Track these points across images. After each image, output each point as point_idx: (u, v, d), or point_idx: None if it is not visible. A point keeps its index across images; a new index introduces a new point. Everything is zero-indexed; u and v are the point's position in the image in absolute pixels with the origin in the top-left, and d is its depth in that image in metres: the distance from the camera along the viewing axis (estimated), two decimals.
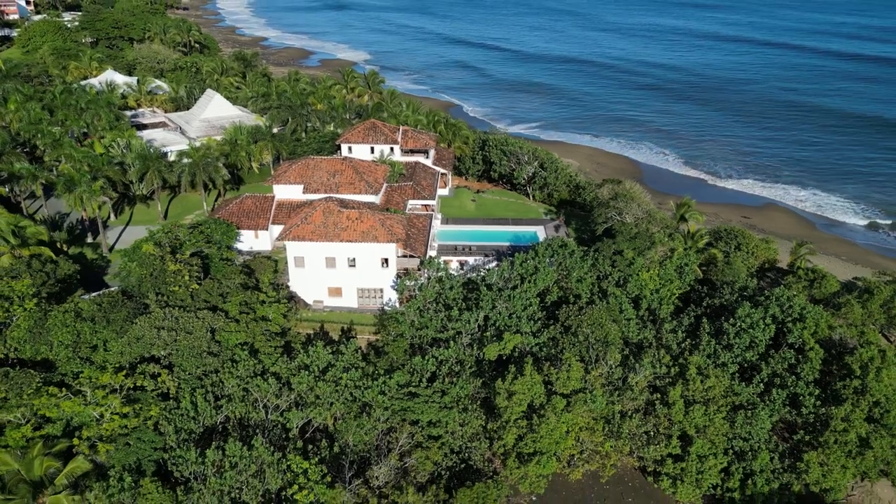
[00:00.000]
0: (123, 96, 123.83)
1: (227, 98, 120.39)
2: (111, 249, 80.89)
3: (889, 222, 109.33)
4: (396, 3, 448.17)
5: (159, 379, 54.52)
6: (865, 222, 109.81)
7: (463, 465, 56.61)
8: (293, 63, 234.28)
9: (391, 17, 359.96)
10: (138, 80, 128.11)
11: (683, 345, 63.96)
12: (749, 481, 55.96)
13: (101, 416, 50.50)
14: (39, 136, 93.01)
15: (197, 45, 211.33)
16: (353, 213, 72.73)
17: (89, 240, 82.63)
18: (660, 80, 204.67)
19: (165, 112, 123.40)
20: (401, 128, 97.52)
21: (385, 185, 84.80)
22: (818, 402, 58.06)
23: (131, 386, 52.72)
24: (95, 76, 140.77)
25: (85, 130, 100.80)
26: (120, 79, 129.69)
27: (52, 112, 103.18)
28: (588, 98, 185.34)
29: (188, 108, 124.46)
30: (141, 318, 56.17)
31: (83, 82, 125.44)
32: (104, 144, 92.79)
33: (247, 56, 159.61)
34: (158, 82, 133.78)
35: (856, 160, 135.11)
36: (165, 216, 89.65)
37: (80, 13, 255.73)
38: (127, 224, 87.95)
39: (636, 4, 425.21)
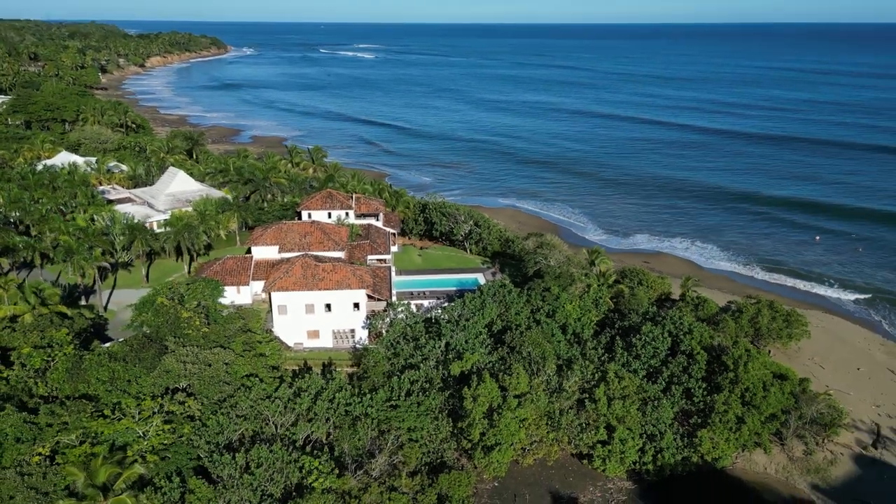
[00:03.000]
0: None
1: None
2: (105, 309, 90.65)
3: (753, 263, 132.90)
4: (300, 82, 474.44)
5: (186, 404, 65.66)
6: (736, 264, 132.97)
7: (439, 461, 69.99)
8: (225, 140, 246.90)
9: (293, 99, 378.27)
10: (97, 160, 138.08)
11: (603, 357, 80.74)
12: (659, 456, 72.06)
13: (145, 433, 61.19)
14: (23, 212, 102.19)
15: (133, 126, 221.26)
16: (328, 265, 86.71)
17: (83, 302, 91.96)
18: (550, 155, 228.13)
19: (126, 189, 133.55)
20: (354, 195, 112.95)
21: (348, 243, 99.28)
22: (705, 393, 75.52)
23: (168, 409, 63.67)
24: (47, 157, 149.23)
25: (62, 206, 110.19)
26: (79, 159, 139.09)
27: (26, 191, 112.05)
28: (490, 171, 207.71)
29: (147, 185, 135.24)
30: (168, 354, 67.50)
31: (48, 162, 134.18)
32: (85, 218, 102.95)
33: (193, 135, 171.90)
34: (115, 162, 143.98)
35: (724, 221, 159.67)
36: (147, 279, 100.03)
37: (4, 96, 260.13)
38: (113, 288, 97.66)
39: (518, 83, 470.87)
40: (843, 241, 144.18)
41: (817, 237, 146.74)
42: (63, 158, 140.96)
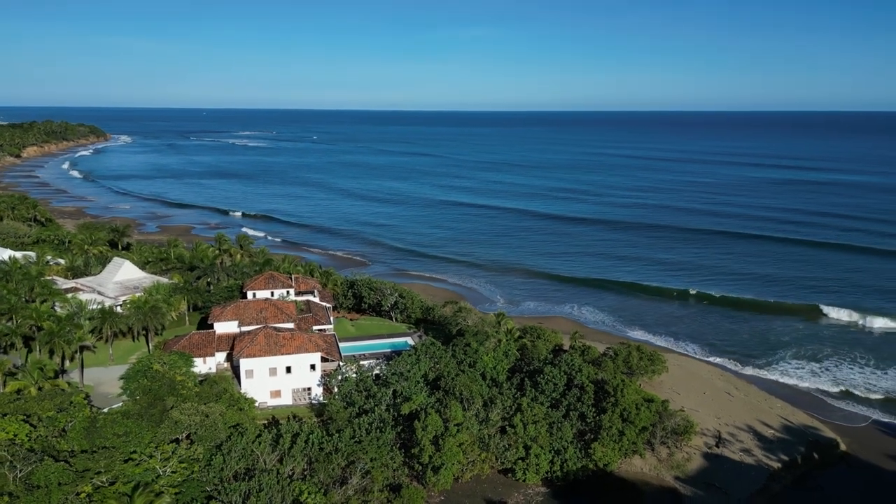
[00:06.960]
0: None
1: None
2: (82, 385, 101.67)
3: (625, 320, 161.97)
4: (187, 171, 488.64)
5: (190, 449, 79.97)
6: (611, 322, 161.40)
7: (396, 484, 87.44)
8: (134, 230, 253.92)
9: (177, 190, 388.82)
10: (37, 254, 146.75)
11: (516, 394, 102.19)
12: (564, 465, 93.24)
13: (164, 471, 75.08)
14: None
15: (42, 220, 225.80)
16: (287, 334, 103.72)
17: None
18: (421, 244, 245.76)
19: (67, 279, 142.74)
20: (293, 275, 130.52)
21: (296, 316, 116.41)
22: (595, 415, 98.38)
23: (179, 454, 77.82)
24: None
25: (19, 297, 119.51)
26: (17, 254, 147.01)
27: None
28: (379, 254, 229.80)
29: (86, 276, 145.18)
30: (173, 409, 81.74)
31: None
32: (48, 306, 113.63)
33: (120, 227, 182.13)
34: (50, 255, 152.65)
35: (594, 292, 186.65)
36: (112, 358, 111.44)
37: None
38: (82, 367, 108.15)
39: (380, 170, 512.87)
40: (693, 303, 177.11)
41: (675, 293, 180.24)
42: (3, 254, 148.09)
